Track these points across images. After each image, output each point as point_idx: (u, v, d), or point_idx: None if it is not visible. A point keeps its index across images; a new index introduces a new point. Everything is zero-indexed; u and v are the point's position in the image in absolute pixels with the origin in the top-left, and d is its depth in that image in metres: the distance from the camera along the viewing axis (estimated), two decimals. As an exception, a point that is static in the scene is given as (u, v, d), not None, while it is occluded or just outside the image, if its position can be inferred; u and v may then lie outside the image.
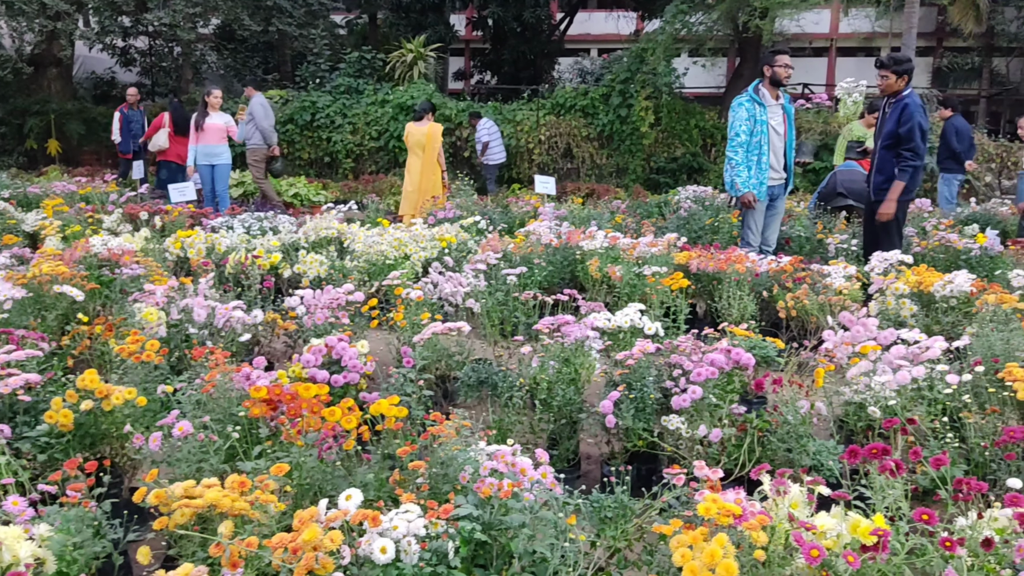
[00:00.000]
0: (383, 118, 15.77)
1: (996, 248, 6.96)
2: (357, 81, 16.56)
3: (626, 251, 6.53)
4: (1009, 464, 2.99)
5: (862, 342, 3.99)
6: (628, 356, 3.83)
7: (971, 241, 7.06)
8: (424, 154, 10.35)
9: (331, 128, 15.95)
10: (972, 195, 13.60)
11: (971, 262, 6.75)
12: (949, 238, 7.18)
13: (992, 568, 2.11)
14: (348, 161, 15.95)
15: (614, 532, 2.58)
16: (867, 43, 24.68)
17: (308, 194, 12.86)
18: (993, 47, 21.81)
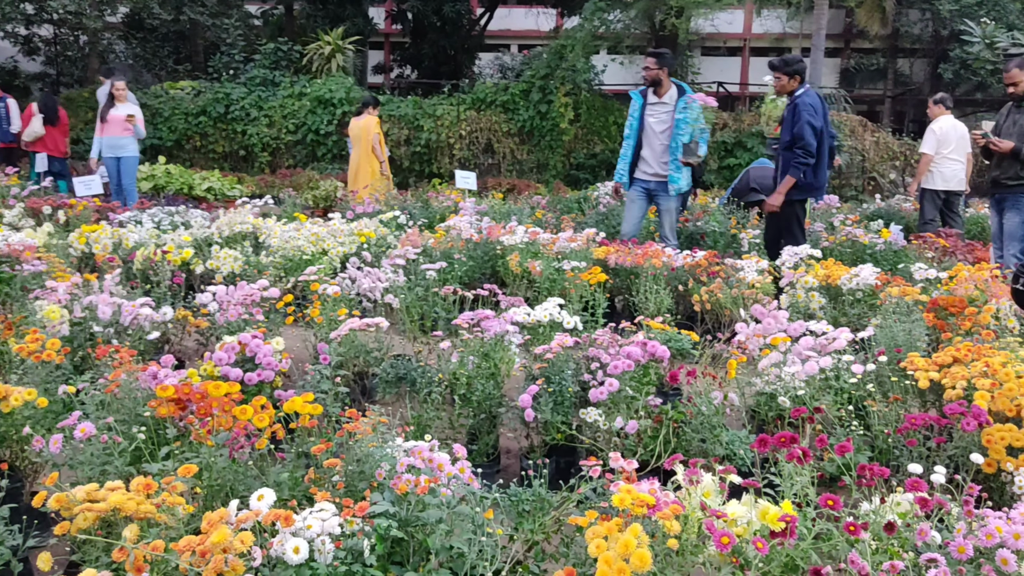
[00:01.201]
0: (300, 111, 15.51)
1: (900, 243, 7.24)
2: (273, 73, 16.23)
3: (546, 246, 6.56)
4: (911, 450, 3.10)
5: (773, 334, 4.10)
6: (547, 350, 3.84)
7: (876, 236, 7.33)
8: (360, 146, 10.51)
9: (246, 121, 15.60)
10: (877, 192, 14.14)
11: (876, 256, 7.01)
12: (855, 233, 7.44)
13: (895, 551, 2.18)
14: (264, 155, 15.63)
15: (532, 525, 2.59)
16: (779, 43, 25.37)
17: (222, 188, 12.54)
18: (897, 48, 22.69)
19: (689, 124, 6.75)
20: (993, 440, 3.02)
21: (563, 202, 10.63)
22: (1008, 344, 4.01)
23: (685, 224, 8.28)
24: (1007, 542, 2.13)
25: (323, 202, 10.69)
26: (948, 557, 2.11)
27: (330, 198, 10.73)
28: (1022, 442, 3.00)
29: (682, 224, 8.31)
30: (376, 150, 10.53)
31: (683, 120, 6.74)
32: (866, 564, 1.93)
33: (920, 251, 7.38)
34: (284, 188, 12.28)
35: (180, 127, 15.61)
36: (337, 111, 15.39)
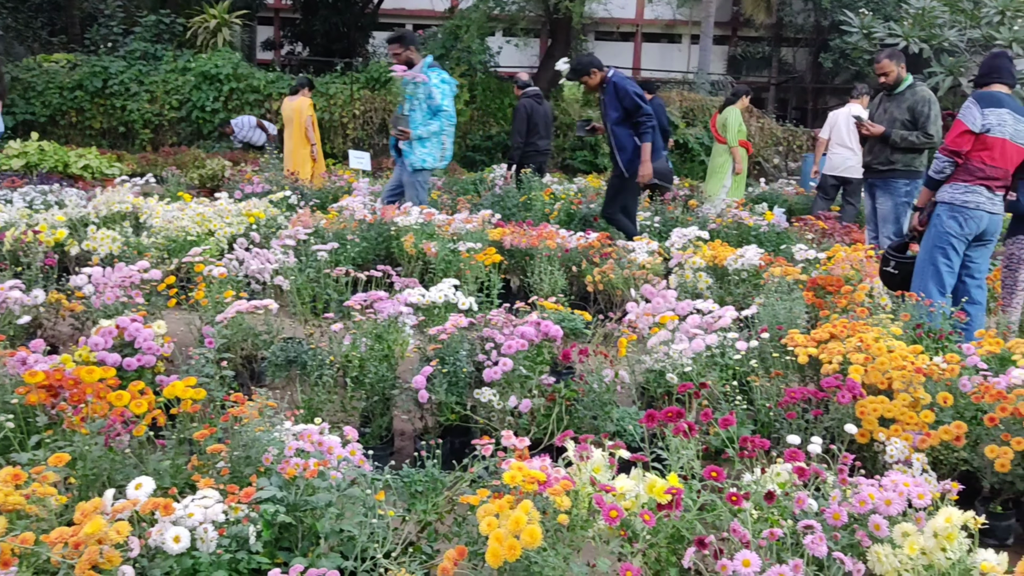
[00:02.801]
0: (184, 87, 14.90)
1: (782, 225, 7.54)
2: (155, 47, 15.53)
3: (441, 227, 6.52)
4: (791, 422, 3.23)
5: (662, 313, 4.19)
6: (441, 331, 3.82)
7: (760, 218, 7.60)
8: (293, 127, 10.39)
9: (126, 96, 14.89)
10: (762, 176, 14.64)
11: (760, 238, 7.26)
12: (741, 216, 7.69)
13: (775, 519, 2.27)
14: (146, 132, 14.97)
15: (425, 506, 2.57)
16: (669, 30, 25.93)
17: (100, 166, 11.93)
18: (782, 37, 23.49)
19: (413, 100, 6.88)
20: (866, 412, 3.17)
21: (459, 184, 10.60)
22: (880, 321, 4.22)
23: (578, 207, 8.37)
24: (879, 508, 2.25)
25: (210, 181, 10.34)
26: (824, 524, 2.20)
27: (217, 177, 10.38)
28: (893, 413, 3.17)
29: (576, 206, 8.40)
30: (308, 133, 10.40)
31: (408, 97, 6.95)
32: (747, 532, 2.00)
33: (801, 233, 7.69)
34: (168, 167, 11.81)
35: (55, 102, 14.77)
36: (224, 87, 14.86)
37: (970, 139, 4.63)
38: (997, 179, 4.68)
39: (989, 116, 4.61)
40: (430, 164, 7.04)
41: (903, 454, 2.91)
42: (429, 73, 6.84)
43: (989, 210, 4.70)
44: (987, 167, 4.65)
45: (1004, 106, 4.64)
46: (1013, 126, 4.64)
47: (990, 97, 4.67)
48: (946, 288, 4.77)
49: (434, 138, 6.95)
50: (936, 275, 4.78)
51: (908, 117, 6.35)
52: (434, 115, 6.89)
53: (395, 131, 6.98)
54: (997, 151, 4.63)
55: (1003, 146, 4.63)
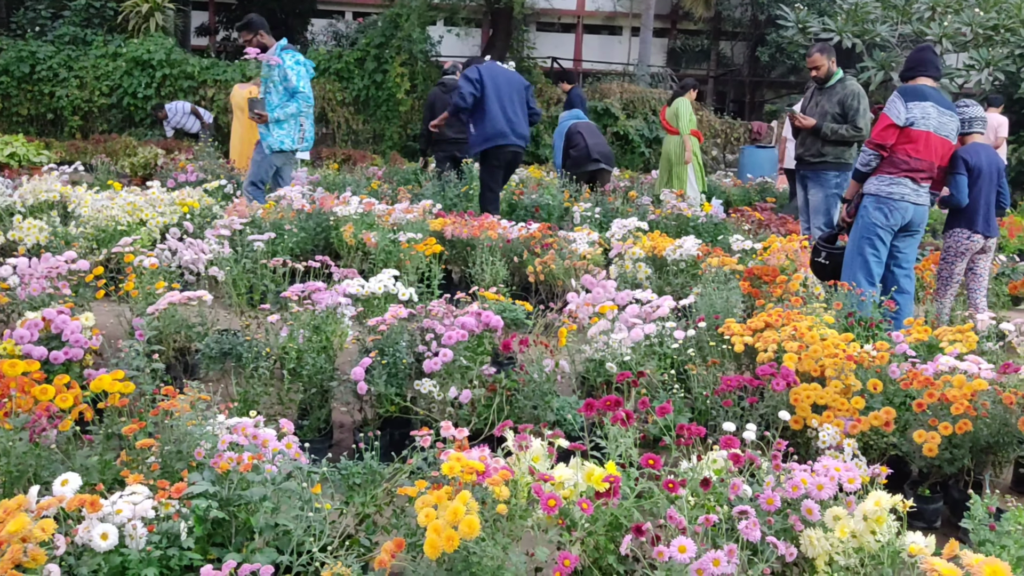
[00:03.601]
0: (116, 73, 14.47)
1: (720, 216, 7.64)
2: (85, 31, 15.05)
3: (382, 217, 6.46)
4: (727, 410, 3.28)
5: (602, 303, 4.21)
6: (381, 322, 3.78)
7: (699, 209, 7.69)
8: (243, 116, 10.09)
9: (54, 82, 14.40)
10: (701, 168, 14.76)
11: (698, 228, 7.35)
12: (680, 207, 7.77)
13: (711, 505, 2.30)
14: (75, 119, 14.51)
15: (363, 498, 2.54)
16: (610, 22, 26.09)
17: (27, 154, 11.52)
18: (720, 31, 23.80)
19: (268, 83, 6.89)
20: (800, 399, 3.24)
21: (400, 173, 10.51)
22: (814, 309, 4.31)
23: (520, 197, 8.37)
24: (811, 493, 2.29)
25: (142, 170, 10.06)
26: (758, 509, 2.24)
27: (149, 166, 10.11)
28: (825, 400, 3.23)
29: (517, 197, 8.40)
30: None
31: (264, 80, 6.96)
32: (683, 519, 2.02)
33: (738, 224, 7.81)
34: (98, 155, 11.45)
35: (-22, 88, 14.24)
36: (157, 74, 14.47)
37: (895, 132, 4.75)
38: (922, 171, 4.81)
39: (913, 110, 4.72)
40: (288, 146, 6.99)
41: (835, 440, 2.98)
42: (283, 55, 6.78)
43: (914, 201, 4.83)
44: (912, 160, 4.77)
45: (928, 99, 4.76)
46: (937, 119, 4.77)
47: (914, 91, 4.79)
48: (874, 278, 4.89)
49: (292, 120, 6.91)
50: (864, 265, 4.90)
51: (838, 110, 6.48)
52: (291, 97, 6.85)
53: (252, 115, 6.92)
54: (921, 144, 4.76)
55: (927, 139, 4.76)
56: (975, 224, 5.08)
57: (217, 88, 14.71)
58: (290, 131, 6.93)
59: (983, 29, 14.01)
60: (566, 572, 1.89)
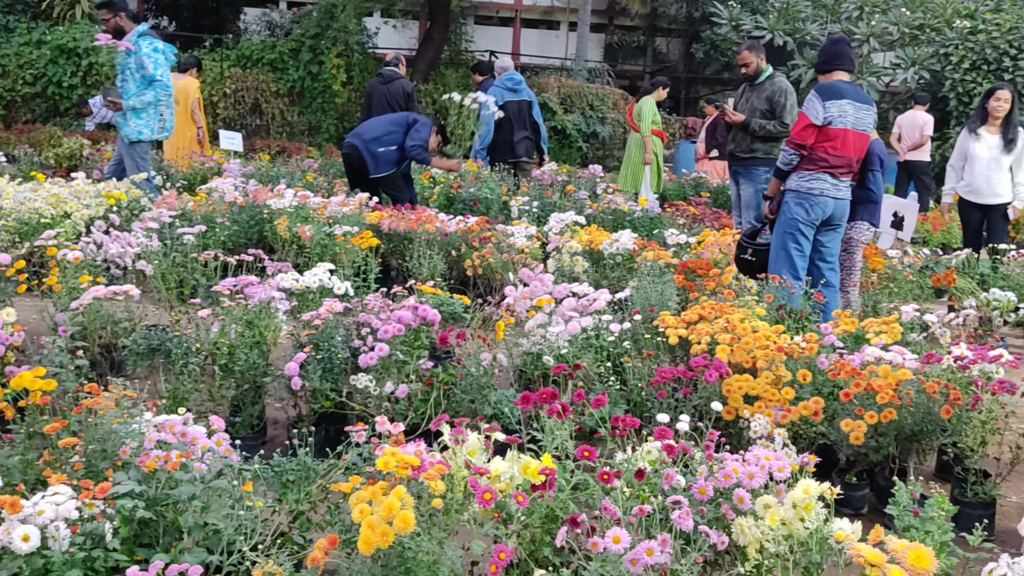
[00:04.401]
0: (39, 61, 13.99)
1: (655, 210, 7.73)
2: (7, 18, 14.50)
3: (317, 210, 6.37)
4: (661, 401, 3.31)
5: (539, 296, 4.22)
6: (316, 316, 3.73)
7: (635, 204, 7.77)
8: (179, 108, 9.80)
9: (-25, 70, 13.87)
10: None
11: (634, 223, 7.42)
12: (616, 201, 7.84)
13: (645, 496, 2.32)
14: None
15: (297, 495, 2.50)
16: (548, 16, 26.16)
17: (-56, 144, 11.08)
18: (656, 28, 24.07)
19: (124, 70, 6.74)
20: (732, 390, 3.29)
21: (336, 166, 10.38)
22: (746, 302, 4.39)
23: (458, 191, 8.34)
24: (743, 482, 2.33)
25: (67, 161, 9.75)
26: (691, 499, 2.26)
27: (75, 157, 9.80)
28: (757, 391, 3.30)
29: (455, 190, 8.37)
30: (195, 115, 9.98)
31: (119, 67, 6.79)
32: (618, 510, 2.03)
33: (673, 218, 7.92)
34: (21, 145, 11.05)
35: None
36: (83, 62, 14.02)
37: (814, 132, 4.84)
38: (841, 167, 4.92)
39: (831, 108, 4.82)
40: (147, 136, 6.76)
41: (766, 429, 3.04)
42: (139, 42, 6.56)
43: (834, 196, 4.94)
44: (831, 156, 4.87)
45: (845, 97, 4.86)
46: (854, 115, 4.87)
47: (831, 89, 4.88)
48: (799, 272, 4.99)
49: (150, 109, 6.68)
50: (788, 260, 4.99)
51: (767, 107, 6.60)
52: (148, 85, 6.64)
53: (106, 102, 6.73)
54: (839, 141, 4.87)
55: (845, 136, 4.87)
56: (875, 216, 5.22)
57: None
58: (149, 120, 6.67)
59: (909, 29, 14.44)
60: (501, 565, 1.89)
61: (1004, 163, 6.67)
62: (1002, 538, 3.20)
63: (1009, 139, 6.63)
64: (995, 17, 13.55)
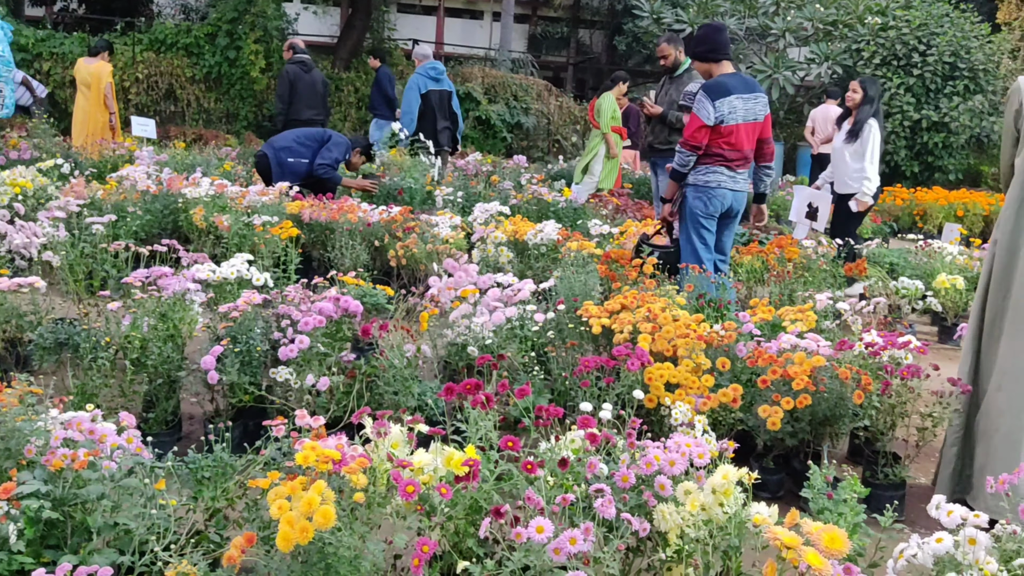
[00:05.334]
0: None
1: (579, 201, 7.78)
2: None
3: (235, 200, 6.22)
4: (585, 391, 3.33)
5: (463, 287, 4.21)
6: (233, 308, 3.64)
7: (559, 195, 7.81)
8: (90, 93, 9.64)
9: None
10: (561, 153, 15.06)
11: (559, 213, 7.46)
12: (541, 192, 7.87)
13: (568, 485, 2.33)
14: None
15: (213, 492, 2.43)
16: (471, 6, 26.07)
17: None
18: (579, 19, 24.20)
19: None
20: (653, 378, 3.33)
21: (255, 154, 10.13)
22: (667, 292, 4.45)
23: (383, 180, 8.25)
24: (664, 469, 2.35)
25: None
26: (614, 486, 2.28)
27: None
28: (677, 379, 3.34)
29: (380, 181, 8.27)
30: (108, 100, 9.69)
31: None
32: (541, 499, 2.03)
33: (596, 209, 7.98)
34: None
35: None
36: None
37: (707, 132, 4.90)
38: (736, 160, 5.01)
39: (721, 107, 4.88)
40: None
41: (687, 417, 3.08)
42: None
43: (731, 188, 5.04)
44: (726, 151, 4.95)
45: (732, 92, 4.91)
46: (743, 108, 4.96)
47: (718, 88, 4.92)
48: (705, 263, 5.07)
49: None
50: (694, 253, 5.07)
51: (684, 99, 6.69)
52: None
53: None
54: (733, 136, 4.95)
55: (737, 131, 4.95)
56: None
57: (54, 61, 13.76)
58: None
59: (823, 24, 14.86)
60: (424, 558, 1.87)
61: (847, 153, 6.84)
62: (912, 518, 3.33)
63: (851, 130, 6.79)
64: (905, 14, 14.04)
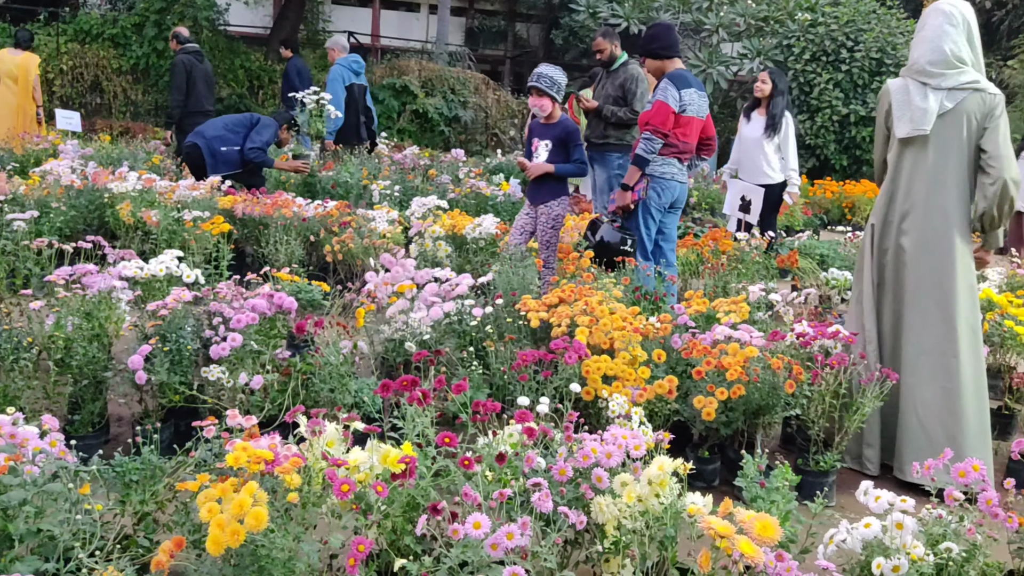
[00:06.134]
0: None
1: (517, 194, 7.78)
2: None
3: (164, 195, 6.06)
4: (523, 384, 3.34)
5: (401, 282, 4.17)
6: (162, 306, 3.54)
7: (497, 189, 7.80)
8: (17, 86, 9.42)
9: None
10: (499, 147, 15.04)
11: (497, 207, 7.45)
12: (479, 185, 7.85)
13: (507, 480, 2.32)
14: None
15: (142, 496, 2.37)
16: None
17: None
18: (516, 13, 24.18)
19: None
20: (591, 371, 3.35)
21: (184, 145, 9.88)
22: (604, 285, 4.47)
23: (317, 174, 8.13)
24: (601, 461, 2.37)
25: None
26: (551, 480, 2.28)
27: None
28: (615, 371, 3.37)
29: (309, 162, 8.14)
30: (36, 93, 9.50)
31: None
32: (478, 495, 2.02)
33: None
34: None
35: None
36: None
37: (674, 119, 4.98)
38: (686, 152, 5.12)
39: (684, 96, 4.96)
40: None
41: (623, 409, 3.10)
42: None
43: (680, 180, 5.14)
44: (680, 143, 5.04)
45: (691, 85, 5.02)
46: (697, 103, 5.06)
47: (681, 78, 5.00)
48: (649, 254, 5.14)
49: None
50: (641, 243, 5.13)
51: (619, 93, 6.71)
52: None
53: None
54: (689, 128, 5.04)
55: (691, 123, 5.05)
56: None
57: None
58: None
59: (755, 20, 15.12)
60: (360, 557, 1.85)
61: (766, 146, 6.97)
62: (841, 504, 3.41)
63: (769, 124, 6.93)
64: (833, 10, 14.36)
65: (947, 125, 3.49)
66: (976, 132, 3.46)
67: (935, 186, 3.54)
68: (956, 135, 3.48)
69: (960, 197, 3.54)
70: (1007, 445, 3.86)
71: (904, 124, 3.58)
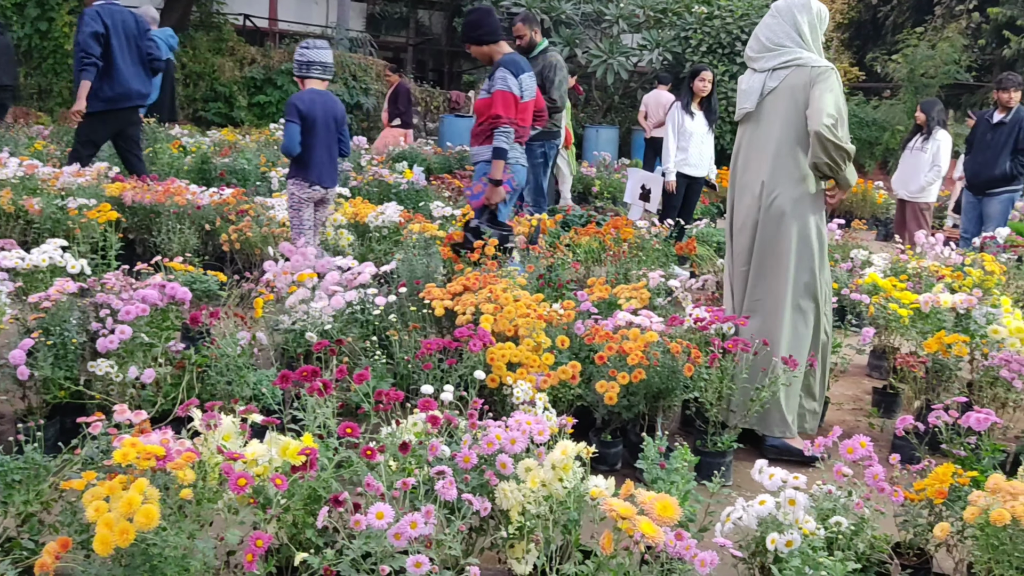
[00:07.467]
0: None
1: (421, 183, 7.72)
2: None
3: (47, 181, 5.77)
4: (428, 373, 3.31)
5: (301, 271, 4.08)
6: (45, 298, 3.37)
7: (400, 176, 7.72)
8: None
9: None
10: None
11: (400, 195, 7.37)
12: (382, 173, 7.75)
13: (411, 468, 2.30)
14: None
15: (25, 496, 2.25)
16: (307, -19, 25.18)
17: None
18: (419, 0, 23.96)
19: None
20: (496, 358, 3.35)
21: (70, 133, 9.44)
22: (508, 272, 4.48)
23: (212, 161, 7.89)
24: (505, 447, 2.37)
25: None
26: (456, 468, 2.28)
27: None
28: (519, 358, 3.38)
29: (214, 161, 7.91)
30: None
31: None
32: (380, 485, 2.00)
33: (438, 191, 7.95)
34: None
35: None
36: None
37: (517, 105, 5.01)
38: (523, 136, 5.22)
39: (521, 82, 5.01)
40: None
41: (528, 395, 3.11)
42: None
43: (523, 164, 5.26)
44: (519, 128, 5.09)
45: (525, 71, 5.08)
46: (531, 86, 5.13)
47: (516, 64, 5.03)
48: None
49: None
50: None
51: (537, 81, 6.70)
52: None
53: None
54: (526, 112, 5.12)
55: (526, 107, 5.12)
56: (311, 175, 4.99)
57: None
58: None
59: (654, 12, 15.38)
60: (258, 552, 1.80)
61: (709, 139, 7.36)
62: (738, 483, 3.52)
63: (713, 118, 7.39)
64: (728, 3, 14.74)
65: (775, 101, 3.76)
66: (804, 103, 3.68)
67: (763, 155, 3.78)
68: (783, 109, 3.73)
69: (786, 164, 3.74)
70: (892, 422, 4.06)
71: (737, 108, 3.93)
